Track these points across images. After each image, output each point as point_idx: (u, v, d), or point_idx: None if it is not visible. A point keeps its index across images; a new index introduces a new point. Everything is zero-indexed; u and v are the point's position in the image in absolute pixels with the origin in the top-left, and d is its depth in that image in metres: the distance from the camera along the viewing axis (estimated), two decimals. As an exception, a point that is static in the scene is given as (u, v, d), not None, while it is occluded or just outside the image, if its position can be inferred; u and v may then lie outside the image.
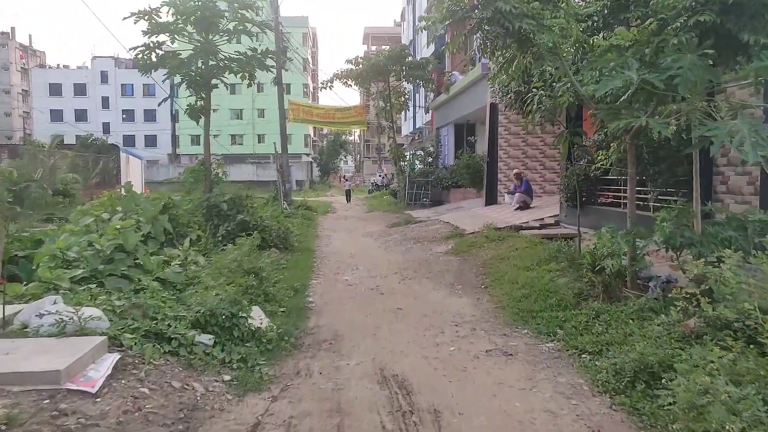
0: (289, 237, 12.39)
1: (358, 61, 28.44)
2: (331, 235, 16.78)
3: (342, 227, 19.47)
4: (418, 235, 14.61)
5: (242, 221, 11.29)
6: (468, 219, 16.00)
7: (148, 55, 11.45)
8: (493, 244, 10.81)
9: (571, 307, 6.65)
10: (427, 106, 32.52)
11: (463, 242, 11.85)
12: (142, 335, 4.98)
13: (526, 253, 9.25)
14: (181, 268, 7.82)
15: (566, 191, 11.95)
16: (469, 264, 10.01)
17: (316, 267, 10.68)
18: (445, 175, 25.03)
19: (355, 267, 10.69)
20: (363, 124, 30.97)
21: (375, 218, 22.95)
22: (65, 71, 77.86)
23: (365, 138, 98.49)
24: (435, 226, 16.18)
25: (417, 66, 28.45)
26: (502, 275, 8.56)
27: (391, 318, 7.15)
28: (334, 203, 38.08)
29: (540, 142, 18.05)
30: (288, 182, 28.46)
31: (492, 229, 12.45)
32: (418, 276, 9.56)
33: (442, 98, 26.79)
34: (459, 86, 22.98)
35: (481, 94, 20.23)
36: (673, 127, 5.46)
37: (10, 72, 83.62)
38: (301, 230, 17.13)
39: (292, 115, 29.02)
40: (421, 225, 17.09)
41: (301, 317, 7.13)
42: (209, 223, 11.65)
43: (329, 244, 14.31)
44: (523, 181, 15.98)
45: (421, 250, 12.26)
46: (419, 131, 42.03)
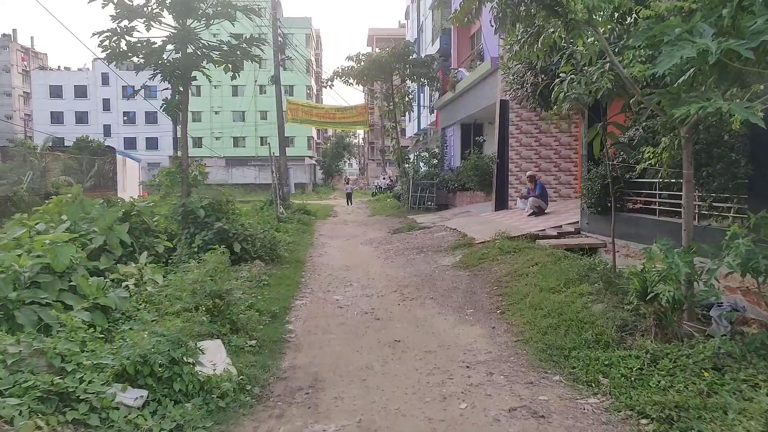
0: (277, 247, 11.02)
1: (360, 58, 27.09)
2: (328, 242, 15.40)
3: (340, 233, 18.09)
4: (421, 244, 13.21)
5: (221, 230, 9.93)
6: (477, 225, 14.58)
7: (117, 42, 10.11)
8: (508, 257, 9.39)
9: (615, 344, 5.24)
10: (432, 106, 31.14)
11: (472, 253, 10.43)
12: (37, 398, 3.60)
13: (548, 270, 7.83)
14: (131, 291, 6.45)
15: (589, 196, 10.52)
16: (481, 281, 8.59)
17: (304, 283, 9.29)
18: (450, 178, 23.62)
19: (348, 283, 9.29)
20: (365, 125, 29.60)
21: (376, 223, 21.56)
22: (66, 73, 77.02)
23: (370, 140, 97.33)
24: (440, 233, 14.77)
25: (421, 64, 27.09)
26: (521, 297, 7.14)
27: (387, 354, 5.76)
28: (336, 207, 36.73)
29: (554, 142, 16.63)
30: (286, 185, 27.17)
31: (505, 239, 11.04)
32: (421, 295, 8.16)
33: (448, 97, 25.41)
34: (466, 83, 21.59)
35: (490, 90, 18.84)
36: (760, 113, 4.06)
37: (11, 74, 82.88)
38: (294, 237, 15.78)
39: (291, 116, 27.70)
40: (426, 232, 15.68)
41: (274, 354, 5.74)
42: (185, 232, 10.30)
43: (323, 254, 12.93)
44: (537, 184, 14.57)
45: (424, 261, 10.86)
46: (424, 132, 40.65)
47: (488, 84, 19.09)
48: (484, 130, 25.50)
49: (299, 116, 27.96)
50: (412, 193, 24.49)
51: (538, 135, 16.75)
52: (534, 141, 16.81)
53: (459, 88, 23.06)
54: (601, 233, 10.75)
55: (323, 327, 6.79)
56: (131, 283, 6.73)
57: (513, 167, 16.97)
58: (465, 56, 24.65)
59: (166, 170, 11.18)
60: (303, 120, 28.06)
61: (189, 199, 10.34)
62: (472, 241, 11.86)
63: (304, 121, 28.20)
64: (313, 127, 40.38)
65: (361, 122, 28.49)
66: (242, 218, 11.26)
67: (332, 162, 74.98)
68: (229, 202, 10.76)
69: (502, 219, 15.18)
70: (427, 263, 10.62)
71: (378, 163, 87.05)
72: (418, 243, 13.44)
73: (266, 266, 10.20)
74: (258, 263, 10.18)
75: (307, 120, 28.15)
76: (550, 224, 12.61)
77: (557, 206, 15.16)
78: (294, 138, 74.56)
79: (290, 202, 26.52)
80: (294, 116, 27.81)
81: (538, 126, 16.70)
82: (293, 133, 73.94)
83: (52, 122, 72.15)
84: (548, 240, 11.18)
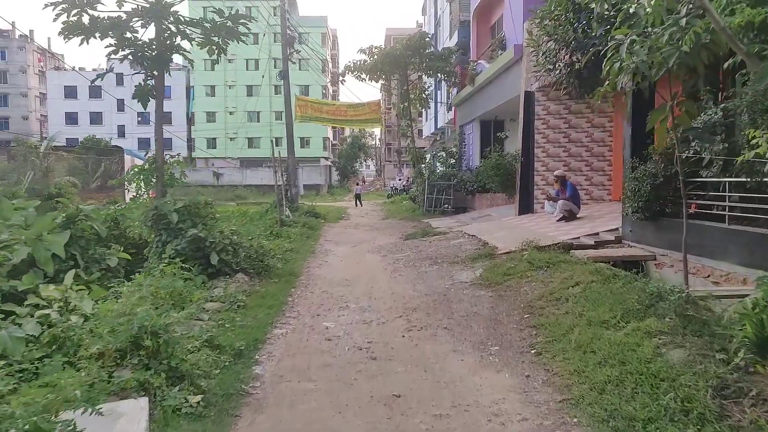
0: (265, 257, 9.41)
1: (372, 51, 25.48)
2: (331, 250, 13.80)
3: (348, 239, 16.48)
4: (436, 253, 11.53)
5: (195, 238, 8.37)
6: (499, 232, 12.86)
7: (78, 16, 8.61)
8: (540, 273, 7.67)
9: (713, 418, 3.53)
10: (449, 102, 29.42)
11: (495, 267, 8.72)
12: None
13: (596, 294, 6.10)
14: (51, 322, 4.90)
15: (635, 198, 8.76)
16: (508, 305, 6.89)
17: (291, 304, 7.67)
18: (469, 179, 21.88)
19: (345, 303, 7.65)
20: (378, 122, 27.95)
21: (389, 228, 19.92)
22: (80, 73, 76.60)
23: (387, 141, 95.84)
24: (458, 240, 13.07)
25: (438, 57, 25.41)
26: (563, 332, 5.42)
27: (381, 420, 4.12)
28: (350, 209, 35.16)
29: (586, 138, 14.82)
30: (294, 186, 25.68)
31: (534, 249, 9.33)
32: (432, 323, 6.49)
33: (467, 92, 23.69)
34: (486, 75, 19.86)
35: (513, 81, 17.10)
36: None
37: (27, 75, 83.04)
38: (295, 244, 14.22)
39: (300, 113, 26.21)
40: (441, 238, 13.99)
41: (223, 418, 4.13)
42: (156, 240, 8.78)
43: (323, 264, 11.32)
44: (567, 185, 12.80)
45: (438, 276, 9.17)
46: (441, 131, 38.92)
47: (511, 75, 17.35)
48: (506, 127, 23.73)
49: (309, 114, 26.47)
50: (427, 195, 22.79)
51: (567, 130, 14.96)
52: (563, 137, 15.02)
53: (478, 82, 21.34)
54: (650, 243, 8.98)
55: (301, 370, 5.16)
56: (54, 310, 5.18)
57: (539, 166, 15.20)
58: (485, 48, 22.90)
59: (137, 168, 9.67)
60: (312, 117, 26.54)
61: (161, 202, 8.81)
62: (495, 251, 10.15)
63: (313, 118, 26.69)
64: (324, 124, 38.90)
65: (375, 120, 26.87)
66: (223, 224, 9.67)
67: (348, 163, 73.54)
68: (207, 205, 9.19)
69: (527, 224, 13.43)
70: (442, 278, 8.93)
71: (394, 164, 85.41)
72: (433, 252, 11.77)
73: (250, 281, 8.62)
74: (240, 277, 8.60)
75: (317, 117, 26.63)
76: (585, 231, 10.84)
77: (590, 210, 13.37)
78: (309, 139, 73.37)
79: (298, 205, 25.00)
80: (303, 114, 26.33)
81: (568, 120, 14.91)
82: (308, 134, 72.79)
83: (66, 123, 71.88)
84: (584, 251, 9.42)
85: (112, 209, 9.37)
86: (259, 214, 20.84)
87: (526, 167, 15.49)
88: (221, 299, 7.11)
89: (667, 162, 8.35)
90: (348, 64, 25.85)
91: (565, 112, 14.91)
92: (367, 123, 27.46)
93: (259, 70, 68.95)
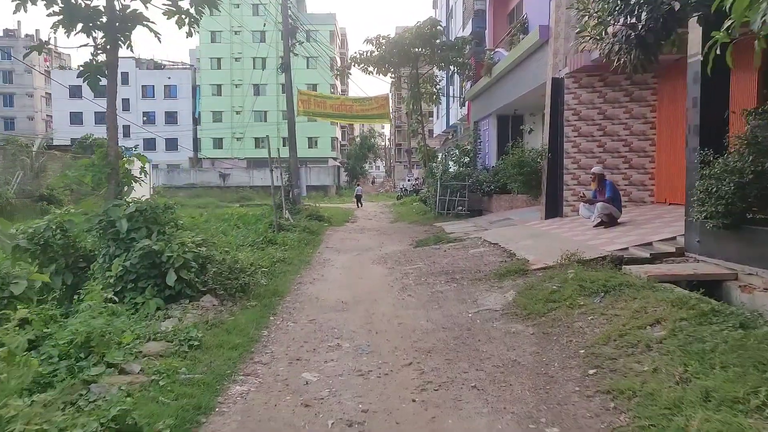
0: (241, 275, 7.56)
1: (380, 41, 23.64)
2: (331, 259, 11.96)
3: (351, 246, 14.65)
4: (452, 265, 9.65)
5: (149, 252, 6.55)
6: (527, 240, 10.94)
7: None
8: (597, 302, 5.75)
9: None
10: (462, 97, 27.50)
11: (531, 289, 6.81)
12: None
13: (693, 339, 4.19)
14: None
15: (712, 201, 6.84)
16: (559, 350, 4.98)
17: (265, 341, 5.80)
18: (486, 178, 19.96)
19: (337, 340, 5.79)
20: (386, 118, 26.07)
21: (397, 232, 18.07)
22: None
23: (396, 142, 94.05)
24: (477, 249, 11.18)
25: (451, 47, 23.54)
26: (662, 410, 3.48)
27: None
28: (357, 210, 33.36)
29: (624, 131, 12.86)
30: (296, 187, 23.90)
31: (576, 263, 7.44)
32: (455, 378, 4.61)
33: (482, 84, 21.78)
34: (505, 64, 17.94)
35: (538, 69, 15.18)
36: None
37: (33, 75, 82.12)
38: (290, 252, 12.41)
39: (302, 108, 24.42)
40: (458, 246, 12.12)
41: None
42: (103, 254, 6.99)
43: (318, 279, 9.48)
44: (606, 184, 10.86)
45: (458, 298, 7.29)
46: (453, 129, 37.00)
47: (535, 61, 15.42)
48: (526, 122, 21.81)
49: (312, 109, 24.67)
50: (440, 196, 20.89)
51: (602, 122, 13.01)
52: (597, 130, 13.07)
53: (496, 72, 19.42)
54: (728, 258, 7.05)
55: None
56: None
57: (569, 163, 13.26)
58: (503, 35, 20.99)
59: (86, 163, 7.87)
60: (316, 113, 24.74)
61: (109, 206, 7.01)
62: (527, 266, 8.24)
63: (317, 114, 24.88)
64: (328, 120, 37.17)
65: (382, 115, 25.00)
66: (189, 233, 7.82)
67: (356, 164, 71.76)
68: (168, 210, 7.36)
69: (558, 231, 11.51)
70: (463, 302, 7.04)
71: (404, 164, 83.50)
72: (448, 264, 9.88)
73: (219, 306, 6.79)
74: (207, 301, 6.78)
75: (321, 113, 24.81)
76: (633, 240, 8.91)
77: (631, 214, 11.42)
78: (317, 139, 71.73)
79: (300, 207, 23.21)
80: (306, 109, 24.53)
81: (603, 111, 12.95)
82: (316, 134, 71.18)
83: (71, 123, 70.74)
84: (640, 266, 7.49)
85: (58, 213, 7.59)
86: (256, 217, 19.07)
87: (553, 165, 13.56)
88: (168, 336, 5.28)
89: (759, 154, 6.43)
90: (354, 55, 24.05)
91: (600, 101, 12.97)
92: (374, 119, 25.60)
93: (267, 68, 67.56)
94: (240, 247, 12.64)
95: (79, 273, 7.60)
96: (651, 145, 12.67)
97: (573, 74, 12.89)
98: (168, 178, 65.00)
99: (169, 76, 72.46)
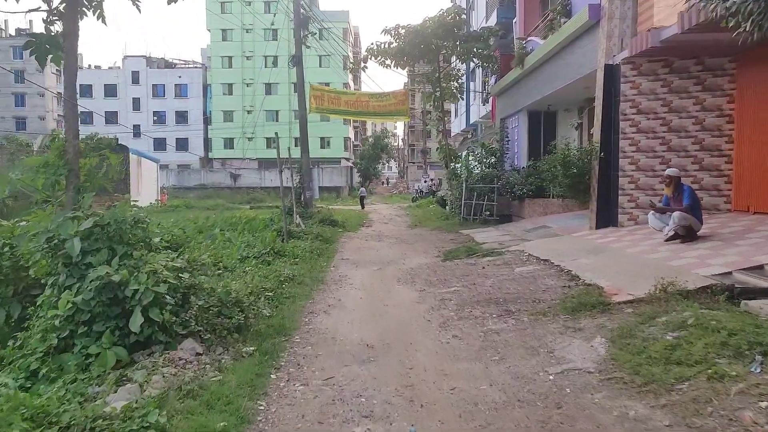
0: (235, 312, 5.75)
1: (399, 31, 21.79)
2: (348, 276, 10.17)
3: (370, 257, 12.86)
4: (499, 290, 7.81)
5: (107, 284, 4.79)
6: (587, 256, 9.03)
7: None
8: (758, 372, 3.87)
9: None
10: (486, 92, 25.58)
11: (631, 336, 4.92)
12: None
13: None
14: None
15: None
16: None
17: (263, 422, 3.99)
18: (517, 180, 18.06)
19: (366, 421, 3.97)
20: (405, 115, 24.18)
21: (419, 240, 16.24)
22: (96, 72, 74.92)
23: (410, 142, 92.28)
24: (524, 266, 9.33)
25: (476, 37, 21.64)
26: None
27: None
28: (372, 213, 31.61)
29: (693, 125, 10.93)
30: (309, 189, 22.17)
31: (676, 294, 5.60)
32: None
33: (510, 78, 19.89)
34: (542, 53, 16.04)
35: (582, 56, 13.28)
36: None
37: (44, 74, 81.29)
38: (302, 266, 10.68)
39: (315, 104, 22.70)
40: (497, 261, 10.27)
41: None
42: (51, 284, 5.25)
43: (334, 307, 7.68)
44: (684, 190, 8.92)
45: (523, 345, 5.41)
46: (472, 128, 35.06)
47: (579, 47, 13.51)
48: (558, 120, 19.90)
49: (325, 105, 22.92)
50: (465, 200, 19.00)
51: (666, 115, 11.08)
52: (660, 125, 11.14)
53: (529, 63, 17.53)
54: None
55: None
56: None
57: (626, 164, 11.35)
58: (535, 23, 19.08)
59: (36, 161, 6.13)
60: (329, 110, 22.98)
61: (60, 219, 5.26)
62: (604, 296, 6.37)
63: (330, 111, 23.12)
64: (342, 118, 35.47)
65: (401, 111, 23.17)
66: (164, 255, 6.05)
67: (369, 164, 69.99)
68: (138, 225, 5.60)
69: (619, 245, 9.61)
70: (533, 353, 5.16)
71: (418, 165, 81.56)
72: (494, 288, 8.03)
73: (205, 353, 5.01)
74: (187, 349, 5.00)
75: (335, 110, 23.05)
76: (733, 262, 7.01)
77: (710, 225, 9.45)
78: (330, 139, 70.07)
79: (313, 210, 21.48)
80: (319, 105, 22.80)
81: (668, 102, 11.03)
82: (329, 134, 69.49)
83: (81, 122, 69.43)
84: (762, 301, 5.61)
85: (5, 224, 5.88)
86: (264, 222, 17.33)
87: (606, 166, 11.66)
88: (115, 426, 3.49)
89: None
90: (370, 46, 22.21)
91: (664, 91, 11.04)
92: (392, 116, 23.77)
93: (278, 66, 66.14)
94: (245, 259, 10.92)
95: (32, 304, 5.89)
96: (727, 142, 10.72)
97: (631, 59, 11.00)
98: (178, 178, 63.68)
99: (179, 75, 71.22)
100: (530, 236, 13.42)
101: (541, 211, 16.89)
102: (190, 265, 5.88)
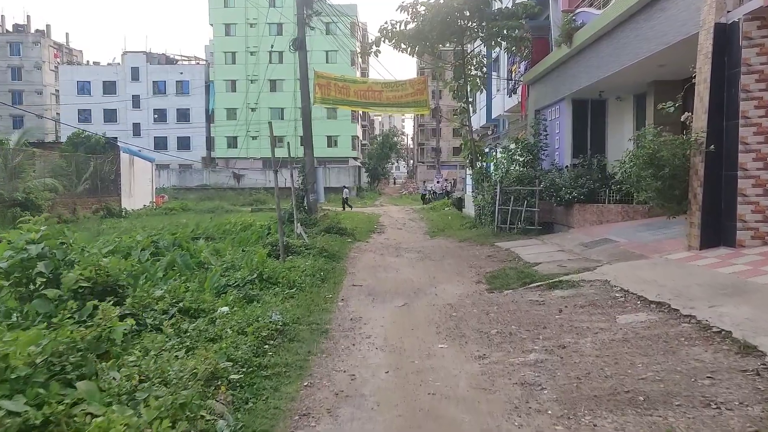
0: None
1: (417, 10, 18.65)
2: (362, 321, 7.08)
3: (390, 283, 9.80)
4: (617, 365, 4.72)
5: None
6: (734, 301, 5.83)
7: None
8: None
9: None
10: (515, 81, 22.40)
11: None
12: None
13: None
14: None
15: None
16: None
17: None
18: (563, 182, 14.90)
19: None
20: (424, 106, 20.98)
21: (448, 255, 13.17)
22: (94, 68, 72.23)
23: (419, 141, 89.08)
24: (633, 315, 6.19)
25: (510, 14, 18.48)
26: None
27: None
28: (382, 217, 28.51)
29: None
30: (313, 192, 19.13)
31: None
32: None
33: (551, 60, 16.78)
34: (601, 24, 12.91)
35: (667, 20, 10.14)
36: None
37: (42, 71, 78.84)
38: (295, 305, 7.62)
39: (320, 94, 19.64)
40: (578, 300, 7.15)
41: None
42: None
43: (343, 403, 4.59)
44: None
45: None
46: (494, 124, 31.85)
47: (662, 9, 10.36)
48: (609, 110, 16.77)
49: (332, 95, 19.84)
50: (499, 206, 15.85)
51: (807, 92, 7.93)
52: (797, 105, 7.99)
53: (580, 40, 14.40)
54: None
55: None
56: None
57: (748, 160, 8.18)
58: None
59: None
60: (336, 100, 19.90)
61: None
62: None
63: (338, 101, 20.04)
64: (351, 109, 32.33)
65: (419, 103, 20.02)
66: None
67: (378, 164, 67.00)
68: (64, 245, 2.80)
69: (744, 276, 6.46)
70: None
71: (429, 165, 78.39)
72: (601, 357, 4.92)
73: None
74: None
75: (343, 100, 19.95)
76: None
77: None
78: (337, 138, 66.99)
79: (317, 216, 18.43)
80: (324, 96, 19.73)
81: (809, 73, 7.88)
82: (336, 132, 66.41)
83: (79, 120, 66.76)
84: None
85: None
86: (258, 235, 14.27)
87: (716, 163, 8.51)
88: None
89: None
90: (384, 25, 19.06)
91: (805, 58, 7.89)
92: (409, 107, 20.60)
93: (283, 63, 63.30)
94: (224, 292, 7.87)
95: None
96: None
97: (760, 13, 7.84)
98: (180, 179, 60.85)
99: (181, 72, 68.41)
100: (595, 254, 10.30)
101: (594, 220, 13.75)
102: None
